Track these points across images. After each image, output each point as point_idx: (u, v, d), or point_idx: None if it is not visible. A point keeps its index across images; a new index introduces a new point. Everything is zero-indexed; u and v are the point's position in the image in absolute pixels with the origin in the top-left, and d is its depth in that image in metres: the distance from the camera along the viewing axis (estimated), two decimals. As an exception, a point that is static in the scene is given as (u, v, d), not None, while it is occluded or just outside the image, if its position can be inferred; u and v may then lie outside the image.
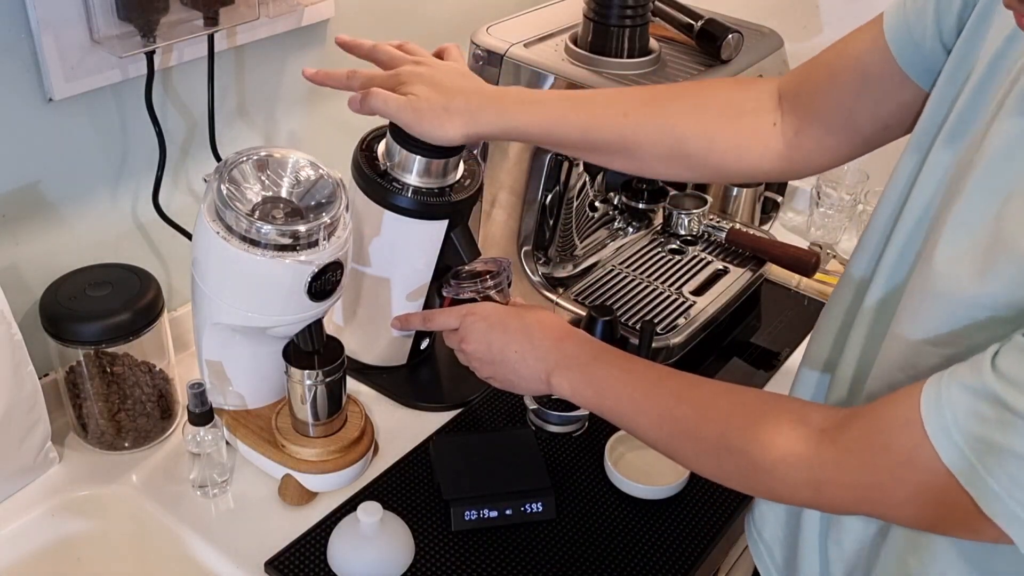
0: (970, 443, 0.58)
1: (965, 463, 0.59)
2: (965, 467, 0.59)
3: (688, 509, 1.02)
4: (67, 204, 1.04)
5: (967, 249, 0.63)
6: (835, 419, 0.69)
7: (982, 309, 0.62)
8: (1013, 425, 0.56)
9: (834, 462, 0.66)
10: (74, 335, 0.97)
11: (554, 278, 1.28)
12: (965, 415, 0.59)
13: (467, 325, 0.93)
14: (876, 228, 0.79)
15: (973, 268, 0.62)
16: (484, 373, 0.94)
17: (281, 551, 0.94)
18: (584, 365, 0.86)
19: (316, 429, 0.99)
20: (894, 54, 0.79)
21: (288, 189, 0.90)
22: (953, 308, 0.64)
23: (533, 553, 0.96)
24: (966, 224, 0.64)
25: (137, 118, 1.04)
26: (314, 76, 0.97)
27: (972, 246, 0.63)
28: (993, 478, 0.58)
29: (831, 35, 1.47)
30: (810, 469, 0.68)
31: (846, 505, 0.68)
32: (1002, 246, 0.61)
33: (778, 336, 1.31)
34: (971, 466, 0.58)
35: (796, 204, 1.61)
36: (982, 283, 0.62)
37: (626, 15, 1.14)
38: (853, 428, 0.66)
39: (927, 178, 0.72)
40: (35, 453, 0.99)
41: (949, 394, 0.60)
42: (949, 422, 0.59)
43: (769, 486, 0.71)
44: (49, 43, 0.92)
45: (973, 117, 0.68)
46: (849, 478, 0.66)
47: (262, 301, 0.90)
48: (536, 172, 1.20)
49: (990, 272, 0.61)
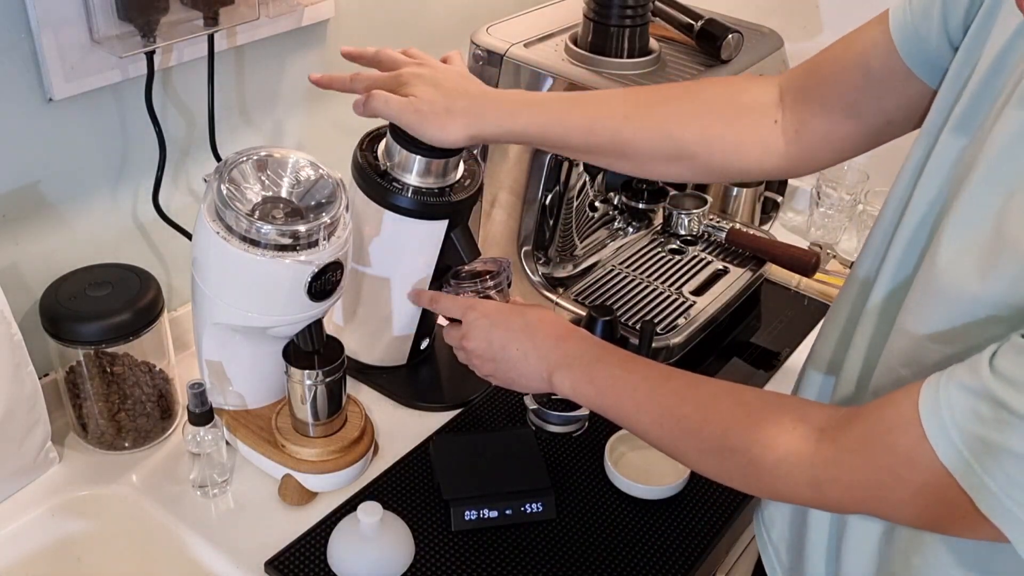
0: (968, 443, 0.58)
1: (963, 463, 0.59)
2: (963, 467, 0.59)
3: (688, 509, 1.02)
4: (67, 204, 1.04)
5: (969, 247, 0.63)
6: (836, 418, 0.69)
7: (983, 307, 0.62)
8: (1010, 425, 0.56)
9: (835, 461, 0.67)
10: (74, 335, 0.97)
11: (554, 278, 1.28)
12: (963, 415, 0.59)
13: (468, 321, 0.93)
14: (882, 225, 0.79)
15: (975, 266, 0.62)
16: (484, 371, 0.94)
17: (281, 551, 0.94)
18: (586, 364, 0.86)
19: (316, 429, 0.99)
20: (899, 50, 0.79)
21: (288, 189, 0.90)
22: (955, 306, 0.64)
23: (533, 553, 0.96)
24: (969, 221, 0.64)
25: (137, 118, 1.04)
26: (319, 81, 0.99)
27: (974, 244, 0.63)
28: (990, 477, 0.58)
29: (831, 35, 1.47)
30: (811, 468, 0.68)
31: (847, 504, 0.68)
32: (1004, 244, 0.60)
33: (778, 336, 1.31)
34: (968, 466, 0.58)
35: (796, 204, 1.61)
36: (983, 282, 0.62)
37: (626, 15, 1.14)
38: (854, 427, 0.66)
39: (933, 172, 0.72)
40: (35, 453, 0.99)
41: (947, 394, 0.60)
42: (947, 422, 0.59)
43: (771, 485, 0.71)
44: (49, 43, 0.92)
45: (978, 112, 0.68)
46: (850, 477, 0.66)
47: (262, 301, 0.90)
48: (536, 172, 1.20)
49: (992, 271, 0.61)
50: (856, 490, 0.66)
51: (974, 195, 0.64)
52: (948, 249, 0.65)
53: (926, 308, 0.67)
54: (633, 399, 0.81)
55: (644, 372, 0.83)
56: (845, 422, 0.67)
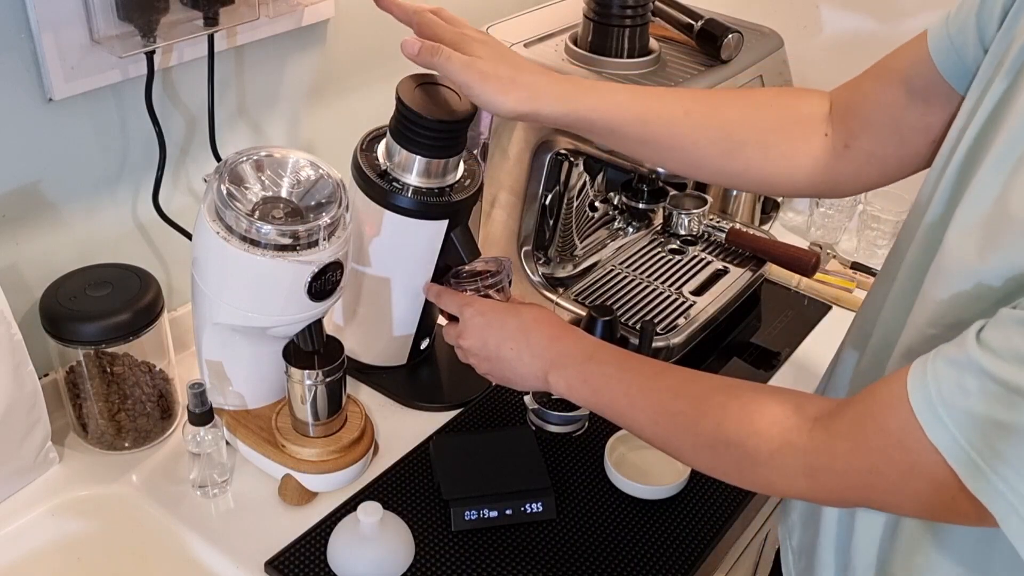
0: (955, 418, 0.58)
1: (950, 439, 0.59)
2: (951, 443, 0.59)
3: (688, 509, 1.02)
4: (67, 204, 1.04)
5: (975, 222, 0.63)
6: (830, 407, 0.69)
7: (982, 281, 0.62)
8: (996, 396, 0.56)
9: (828, 448, 0.67)
10: (74, 335, 0.97)
11: (554, 278, 1.29)
12: (949, 390, 0.59)
13: (465, 319, 0.93)
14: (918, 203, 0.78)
15: (977, 242, 0.63)
16: (482, 369, 0.94)
17: (281, 551, 0.94)
18: (580, 363, 0.86)
19: (316, 429, 0.99)
20: (937, 66, 0.79)
21: (288, 189, 0.90)
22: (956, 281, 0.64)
23: (533, 553, 0.96)
24: (979, 198, 0.64)
25: (137, 118, 1.04)
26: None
27: (980, 218, 0.63)
28: (978, 453, 0.57)
29: (831, 35, 1.47)
30: (804, 456, 0.68)
31: (843, 493, 0.68)
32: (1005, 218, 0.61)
33: (778, 336, 1.31)
34: (956, 442, 0.58)
35: (796, 204, 1.61)
36: (983, 257, 0.62)
37: (626, 15, 1.14)
38: (846, 413, 0.67)
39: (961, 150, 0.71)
40: (35, 453, 0.99)
41: (935, 369, 0.60)
42: (934, 398, 0.59)
43: (766, 478, 0.71)
44: (49, 43, 0.92)
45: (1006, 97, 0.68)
46: (844, 463, 0.66)
47: (262, 301, 0.90)
48: (536, 172, 1.20)
49: (991, 245, 0.61)
50: (850, 475, 0.66)
51: (986, 173, 0.64)
52: (957, 224, 0.65)
53: (933, 287, 0.67)
54: (627, 396, 0.81)
55: (638, 369, 0.83)
56: (839, 410, 0.68)
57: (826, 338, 1.30)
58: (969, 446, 0.58)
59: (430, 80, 0.97)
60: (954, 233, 0.66)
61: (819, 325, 1.33)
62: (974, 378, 0.57)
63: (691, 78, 1.14)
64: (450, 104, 0.96)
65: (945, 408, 0.59)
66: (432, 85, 0.97)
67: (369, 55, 1.28)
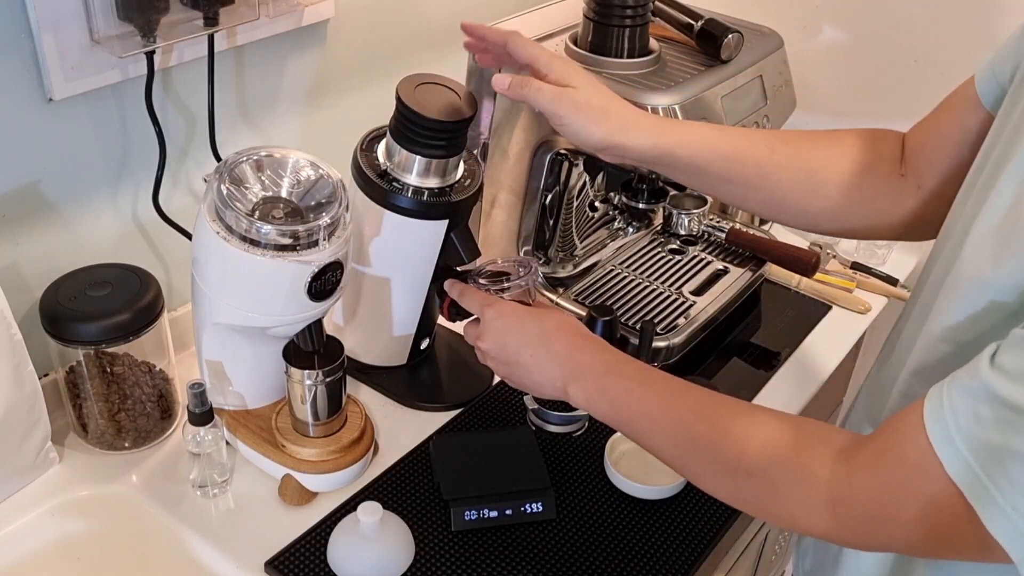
0: (971, 448, 0.58)
1: (967, 470, 0.58)
2: (967, 475, 0.58)
3: (688, 509, 1.02)
4: (67, 204, 1.04)
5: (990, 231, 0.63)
6: (856, 439, 0.67)
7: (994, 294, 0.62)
8: (1011, 423, 0.56)
9: (848, 479, 0.65)
10: (74, 335, 0.97)
11: (554, 278, 1.29)
12: (966, 419, 0.58)
13: (485, 321, 0.91)
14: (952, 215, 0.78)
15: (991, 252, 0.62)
16: (500, 373, 0.92)
17: (281, 551, 0.94)
18: (600, 376, 0.84)
19: (316, 429, 0.99)
20: (984, 104, 0.79)
21: (288, 189, 0.90)
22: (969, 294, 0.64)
23: (533, 553, 0.96)
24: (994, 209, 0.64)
25: (137, 118, 1.04)
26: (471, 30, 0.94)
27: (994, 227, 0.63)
28: (995, 485, 0.57)
29: (831, 35, 1.47)
30: (827, 488, 0.66)
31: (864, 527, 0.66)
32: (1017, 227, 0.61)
33: (778, 336, 1.31)
34: (973, 473, 0.58)
35: (796, 204, 1.60)
36: (996, 267, 0.62)
37: (626, 15, 1.14)
38: (868, 445, 0.65)
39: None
40: (35, 453, 0.99)
41: (951, 398, 0.59)
42: (951, 428, 0.58)
43: (788, 511, 0.69)
44: (49, 43, 0.92)
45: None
46: (863, 494, 0.64)
47: (262, 301, 0.90)
48: (536, 172, 1.20)
49: (1004, 254, 0.61)
50: (871, 507, 0.64)
51: (1004, 184, 0.65)
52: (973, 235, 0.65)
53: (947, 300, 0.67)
54: (648, 415, 0.79)
55: (660, 387, 0.80)
56: (863, 441, 0.66)
57: (826, 338, 1.30)
58: (988, 479, 0.57)
59: (430, 80, 0.97)
60: (970, 244, 0.65)
61: (819, 325, 1.33)
62: (988, 407, 0.57)
63: (691, 78, 1.14)
64: (450, 104, 0.96)
65: (963, 439, 0.58)
66: (432, 85, 0.97)
67: (369, 55, 1.28)
